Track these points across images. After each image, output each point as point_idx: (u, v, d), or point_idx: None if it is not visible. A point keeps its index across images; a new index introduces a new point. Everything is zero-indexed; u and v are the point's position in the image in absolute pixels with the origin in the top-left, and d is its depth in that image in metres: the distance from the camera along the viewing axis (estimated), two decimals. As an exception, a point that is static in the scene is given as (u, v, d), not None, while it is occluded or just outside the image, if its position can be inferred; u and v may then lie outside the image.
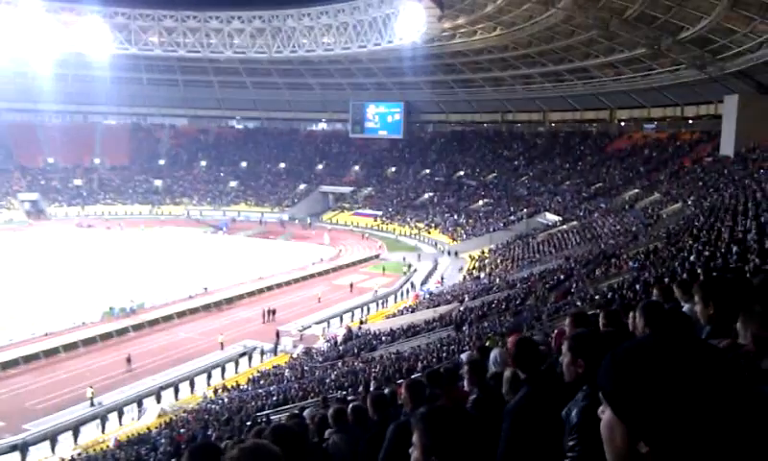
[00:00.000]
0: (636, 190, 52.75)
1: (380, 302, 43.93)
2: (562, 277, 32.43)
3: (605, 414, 1.15)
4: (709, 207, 32.66)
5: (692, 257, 19.41)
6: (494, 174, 72.14)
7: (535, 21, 52.21)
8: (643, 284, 18.30)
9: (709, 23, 39.41)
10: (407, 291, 46.24)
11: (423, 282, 47.69)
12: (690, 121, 60.47)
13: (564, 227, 51.44)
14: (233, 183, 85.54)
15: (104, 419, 25.54)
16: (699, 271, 14.05)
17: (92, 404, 26.67)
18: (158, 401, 27.78)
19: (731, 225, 22.71)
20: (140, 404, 27.44)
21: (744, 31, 39.41)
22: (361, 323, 37.02)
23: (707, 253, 18.92)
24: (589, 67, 61.45)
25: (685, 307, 5.85)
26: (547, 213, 57.35)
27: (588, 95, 68.15)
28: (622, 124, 69.59)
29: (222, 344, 34.01)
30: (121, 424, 25.90)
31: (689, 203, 40.33)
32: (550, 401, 3.06)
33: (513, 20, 54.84)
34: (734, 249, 16.67)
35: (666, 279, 14.20)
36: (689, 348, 1.09)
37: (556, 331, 8.76)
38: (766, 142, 43.84)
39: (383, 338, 30.91)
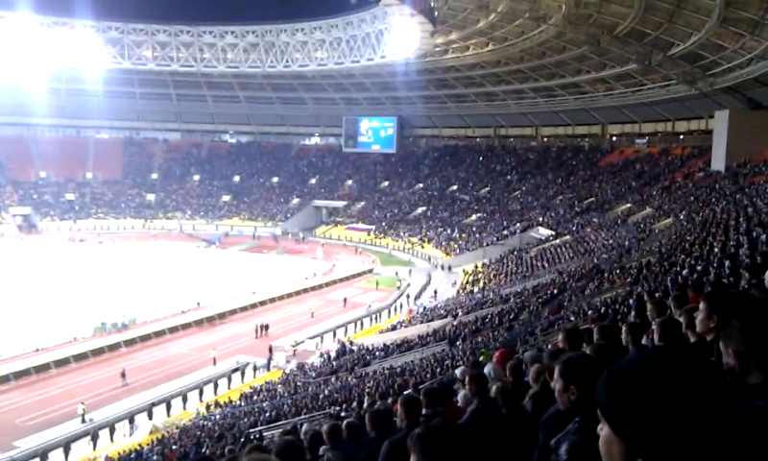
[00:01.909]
0: (629, 205, 52.95)
1: (374, 316, 43.82)
2: (555, 291, 32.44)
3: (603, 431, 1.16)
4: (701, 222, 32.81)
5: (684, 272, 19.47)
6: (487, 188, 72.36)
7: (527, 37, 52.66)
8: (636, 299, 18.34)
9: (700, 39, 39.82)
10: (401, 306, 46.17)
11: (417, 297, 47.65)
12: (681, 136, 60.87)
13: (557, 241, 51.55)
14: (226, 198, 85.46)
15: (95, 436, 25.25)
16: (690, 283, 14.10)
17: (83, 421, 26.37)
18: (150, 418, 27.52)
19: (722, 239, 22.80)
20: (132, 421, 27.18)
21: (734, 47, 39.85)
22: (351, 341, 36.78)
23: (699, 267, 18.98)
24: (581, 83, 61.90)
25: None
26: (540, 228, 57.48)
27: (579, 110, 68.60)
28: (614, 139, 70.00)
29: (214, 359, 33.76)
30: (112, 441, 25.62)
31: (681, 217, 40.52)
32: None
33: (505, 36, 55.27)
34: (726, 264, 16.72)
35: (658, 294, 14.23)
36: (686, 364, 1.09)
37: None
38: (757, 157, 44.20)
39: (377, 353, 30.81)
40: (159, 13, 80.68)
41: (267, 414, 22.24)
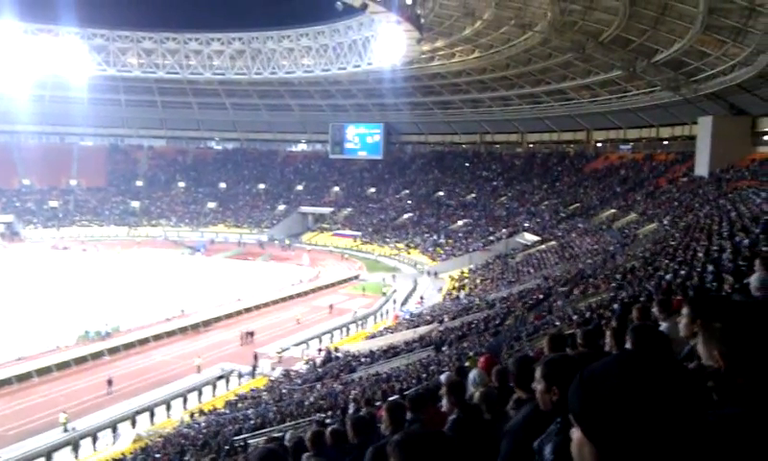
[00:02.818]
0: (613, 210, 53.29)
1: (360, 323, 43.73)
2: (540, 296, 32.51)
3: (575, 434, 1.17)
4: (685, 227, 33.05)
5: (668, 277, 19.56)
6: (473, 194, 72.57)
7: (512, 44, 52.93)
8: (621, 304, 18.39)
9: (683, 46, 40.19)
10: (387, 312, 46.11)
11: (403, 303, 47.61)
12: (665, 142, 61.36)
13: (543, 247, 51.77)
14: (212, 205, 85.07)
15: (77, 445, 24.97)
16: (674, 288, 14.17)
17: (66, 430, 26.07)
18: (134, 426, 27.26)
19: (706, 244, 22.96)
20: (115, 429, 26.89)
21: (717, 54, 40.23)
22: (336, 348, 36.66)
23: (683, 272, 19.08)
24: (566, 89, 62.27)
25: (663, 326, 5.88)
26: (526, 233, 57.71)
27: (565, 117, 68.98)
28: (599, 145, 70.44)
29: (199, 367, 33.52)
30: (95, 450, 25.35)
31: (665, 222, 40.81)
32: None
33: (491, 43, 55.54)
34: (710, 268, 16.82)
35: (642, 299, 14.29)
36: (656, 368, 1.11)
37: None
38: (739, 162, 44.67)
39: (362, 359, 30.71)
40: (145, 21, 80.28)
41: (252, 422, 22.05)
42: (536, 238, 55.06)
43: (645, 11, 39.21)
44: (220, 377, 33.10)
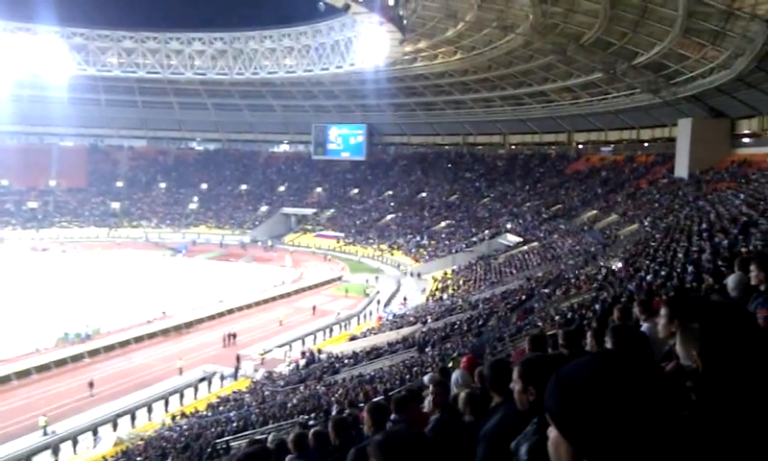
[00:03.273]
0: (594, 211, 53.68)
1: (343, 324, 43.67)
2: (523, 297, 32.68)
3: (551, 433, 1.18)
4: (665, 228, 33.37)
5: (649, 277, 19.75)
6: (456, 196, 72.78)
7: (494, 46, 53.14)
8: (602, 304, 18.53)
9: (663, 49, 40.57)
10: (370, 313, 46.08)
11: (386, 304, 47.60)
12: (646, 144, 61.90)
13: (525, 248, 52.02)
14: (193, 206, 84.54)
15: (57, 448, 24.68)
16: (655, 289, 14.30)
17: (45, 433, 25.80)
18: (115, 429, 27.01)
19: (686, 245, 23.21)
20: (95, 433, 26.62)
21: (696, 57, 40.67)
22: (319, 350, 36.59)
23: (663, 273, 19.26)
24: (548, 91, 62.64)
25: (644, 326, 5.93)
26: (508, 234, 57.95)
27: (546, 118, 69.39)
28: (580, 147, 70.92)
29: (180, 369, 33.30)
30: (75, 454, 25.10)
31: (645, 223, 41.19)
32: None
33: (473, 45, 55.72)
34: (689, 269, 17.00)
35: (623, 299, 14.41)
36: (631, 367, 1.12)
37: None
38: (718, 164, 45.21)
39: (346, 361, 30.68)
40: (125, 20, 79.82)
41: (234, 424, 21.95)
42: (518, 239, 55.31)
43: (625, 13, 39.56)
44: (202, 380, 32.89)
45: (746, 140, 46.84)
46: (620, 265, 27.36)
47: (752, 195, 31.60)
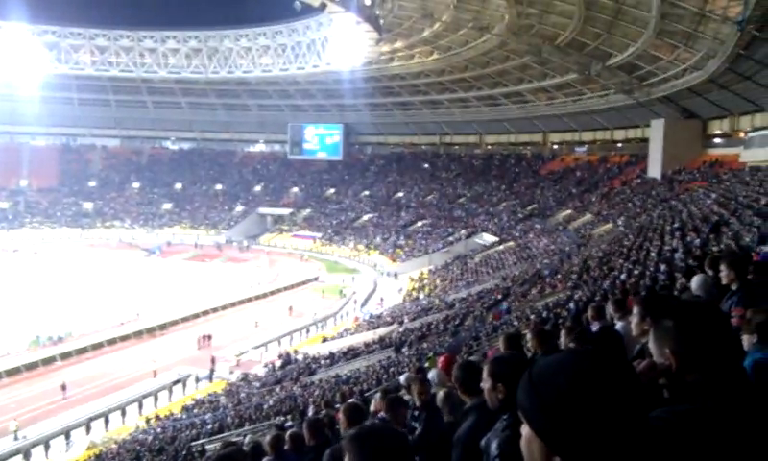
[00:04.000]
0: (569, 211, 54.17)
1: (320, 324, 43.52)
2: (499, 296, 32.86)
3: (524, 430, 1.19)
4: (638, 228, 33.78)
5: (623, 276, 19.96)
6: (433, 195, 72.95)
7: (470, 46, 53.35)
8: (576, 303, 18.69)
9: (636, 50, 41.03)
10: (347, 313, 45.99)
11: (363, 304, 47.55)
12: (619, 144, 62.55)
13: (501, 247, 52.33)
14: (167, 206, 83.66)
15: (28, 453, 24.27)
16: (628, 287, 14.43)
17: (16, 438, 25.35)
18: (88, 433, 26.64)
19: (659, 244, 23.51)
20: (68, 436, 26.21)
21: (669, 58, 41.19)
22: (296, 351, 36.44)
23: (636, 271, 19.48)
24: (524, 92, 63.04)
25: (618, 325, 5.98)
26: (484, 234, 58.24)
27: (522, 119, 69.82)
28: (555, 147, 71.48)
29: (154, 371, 32.93)
30: (47, 458, 24.69)
31: (619, 223, 41.67)
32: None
33: (449, 45, 55.90)
34: (663, 268, 17.21)
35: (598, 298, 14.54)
36: (602, 366, 1.13)
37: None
38: (690, 164, 45.87)
39: (322, 362, 30.57)
40: (98, 18, 78.85)
41: (209, 426, 21.77)
42: (494, 239, 55.62)
43: (600, 15, 39.95)
44: (176, 382, 32.53)
45: (717, 141, 47.57)
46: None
47: (723, 195, 32.10)
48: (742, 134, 42.89)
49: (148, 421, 27.61)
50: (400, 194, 75.97)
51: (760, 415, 1.48)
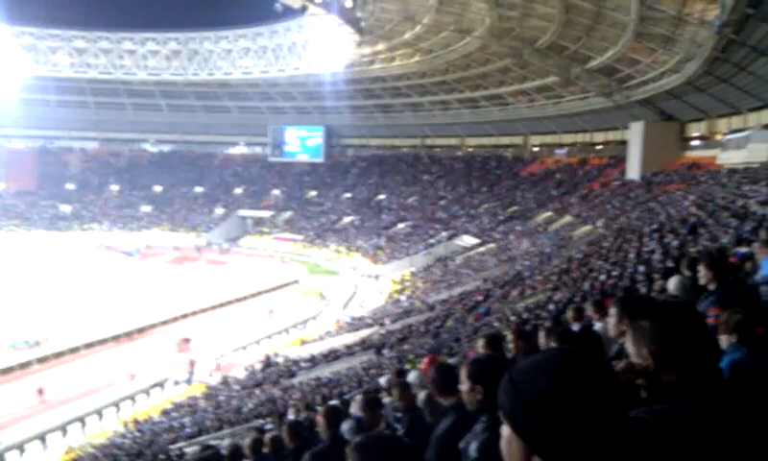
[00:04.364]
0: (549, 213, 54.48)
1: (300, 327, 43.35)
2: (480, 298, 32.94)
3: (504, 431, 1.19)
4: (617, 229, 34.05)
5: (602, 277, 20.09)
6: (414, 197, 73.03)
7: (452, 49, 53.57)
8: (556, 304, 18.78)
9: (615, 53, 41.41)
10: (328, 315, 45.88)
11: (344, 306, 47.47)
12: (599, 147, 63.03)
13: (482, 249, 52.50)
14: (147, 208, 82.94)
15: (2, 458, 23.89)
16: (607, 289, 14.54)
17: (-9, 443, 24.97)
18: (64, 437, 26.28)
19: (637, 246, 23.68)
20: (44, 441, 25.84)
21: (647, 61, 41.64)
22: (276, 353, 36.30)
23: (615, 273, 19.62)
24: (504, 94, 63.39)
25: (597, 326, 5.99)
26: (465, 236, 58.38)
27: (503, 121, 70.11)
28: (535, 149, 71.87)
29: (132, 375, 32.59)
30: (22, 464, 24.36)
31: (598, 225, 41.99)
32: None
33: (430, 47, 56.07)
34: (641, 269, 17.34)
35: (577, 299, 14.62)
36: (583, 366, 1.14)
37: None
38: (668, 167, 46.36)
39: (303, 364, 30.46)
40: (77, 19, 77.53)
41: (188, 430, 21.58)
42: (475, 241, 55.77)
43: (579, 18, 40.31)
44: (155, 385, 32.25)
45: (695, 143, 48.09)
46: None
47: (700, 196, 32.40)
48: (719, 137, 43.41)
49: (126, 424, 27.32)
50: (382, 196, 75.95)
51: (737, 415, 1.48)
